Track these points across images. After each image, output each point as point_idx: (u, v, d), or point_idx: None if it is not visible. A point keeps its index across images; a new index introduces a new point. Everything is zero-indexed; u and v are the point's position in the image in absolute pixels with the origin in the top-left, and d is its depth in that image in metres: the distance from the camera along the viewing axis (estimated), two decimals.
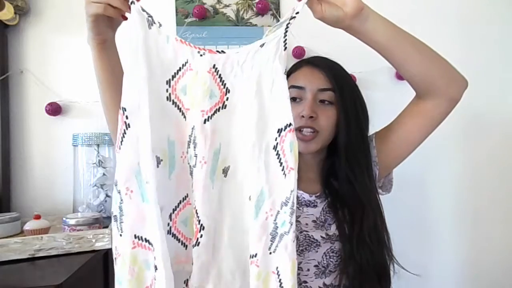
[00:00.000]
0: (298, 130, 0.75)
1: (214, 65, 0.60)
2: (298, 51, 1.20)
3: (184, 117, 0.60)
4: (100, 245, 0.87)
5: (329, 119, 0.76)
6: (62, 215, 0.98)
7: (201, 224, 0.57)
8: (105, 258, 1.10)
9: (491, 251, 1.32)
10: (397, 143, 0.78)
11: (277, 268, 0.56)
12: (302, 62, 0.83)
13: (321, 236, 0.75)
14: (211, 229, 0.58)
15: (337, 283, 0.74)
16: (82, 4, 1.24)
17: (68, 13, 1.20)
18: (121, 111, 0.56)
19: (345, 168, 0.76)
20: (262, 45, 0.60)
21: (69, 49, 1.20)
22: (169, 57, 0.60)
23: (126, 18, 0.61)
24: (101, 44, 0.67)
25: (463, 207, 1.32)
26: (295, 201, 0.57)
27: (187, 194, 0.61)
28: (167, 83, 0.60)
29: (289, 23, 0.59)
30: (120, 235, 0.56)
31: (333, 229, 0.76)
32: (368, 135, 0.82)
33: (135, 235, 0.55)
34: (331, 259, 0.74)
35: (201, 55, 0.60)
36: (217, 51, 0.60)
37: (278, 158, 0.58)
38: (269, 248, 0.56)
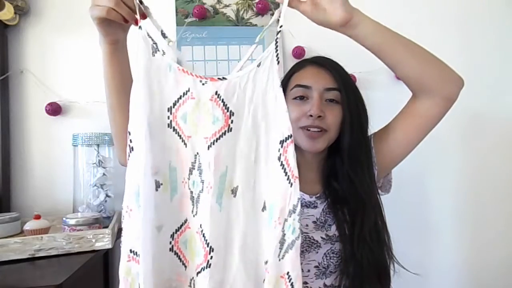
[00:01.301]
0: (306, 128, 0.76)
1: (216, 92, 0.61)
2: (298, 51, 1.20)
3: (185, 144, 0.62)
4: (100, 245, 0.87)
5: (336, 118, 0.77)
6: (62, 215, 0.98)
7: (210, 247, 0.59)
8: (105, 258, 1.10)
9: (491, 250, 1.32)
10: (395, 143, 0.78)
11: (288, 273, 0.58)
12: (306, 61, 0.84)
13: (321, 237, 0.75)
14: (221, 249, 0.60)
15: (338, 284, 0.74)
16: (82, 4, 1.24)
17: (68, 13, 1.20)
18: (128, 135, 0.60)
19: (347, 167, 0.76)
20: (259, 65, 0.62)
21: (69, 49, 1.20)
22: (171, 85, 0.61)
23: (127, 22, 0.62)
24: (113, 45, 0.66)
25: (463, 206, 1.32)
26: (300, 208, 0.60)
27: (187, 219, 0.63)
28: (168, 111, 0.62)
29: (277, 37, 0.62)
30: (121, 248, 0.61)
31: (333, 230, 0.76)
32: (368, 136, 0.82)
33: (130, 250, 0.60)
34: (332, 260, 0.74)
35: (203, 84, 0.61)
36: (219, 78, 0.62)
37: (283, 168, 0.60)
38: (278, 255, 0.58)
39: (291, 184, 0.59)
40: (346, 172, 0.77)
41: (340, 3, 0.62)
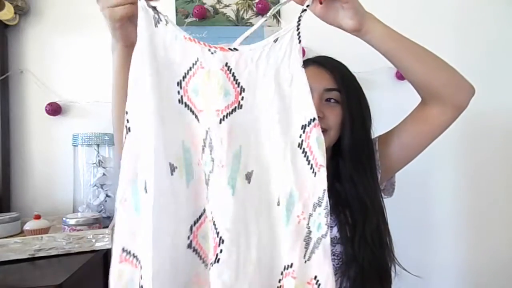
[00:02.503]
0: None
1: (227, 63, 0.56)
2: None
3: (198, 119, 0.55)
4: (100, 245, 0.87)
5: (337, 118, 0.76)
6: (62, 215, 0.98)
7: (220, 237, 0.51)
8: (105, 258, 1.10)
9: (492, 252, 1.32)
10: (401, 147, 0.77)
11: (315, 277, 0.52)
12: (308, 61, 0.83)
13: None
14: (234, 243, 0.51)
15: (338, 286, 0.74)
16: (82, 4, 1.24)
17: (68, 13, 1.20)
18: (125, 114, 0.52)
19: (349, 168, 0.76)
20: (275, 40, 0.58)
21: (69, 49, 1.20)
22: (178, 56, 0.55)
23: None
24: (129, 47, 0.60)
25: (464, 209, 1.32)
26: (327, 201, 0.54)
27: (205, 208, 0.55)
28: (178, 85, 0.55)
29: (300, 15, 0.58)
30: (113, 247, 0.51)
31: (334, 232, 0.75)
32: (372, 138, 0.81)
33: (123, 248, 0.50)
34: (333, 262, 0.74)
35: (212, 53, 0.56)
36: (229, 49, 0.57)
37: (305, 156, 0.55)
38: (304, 256, 0.52)
39: (315, 174, 0.54)
40: (348, 174, 0.76)
41: (352, 14, 0.60)
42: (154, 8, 0.54)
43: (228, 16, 1.26)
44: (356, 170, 0.76)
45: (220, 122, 0.54)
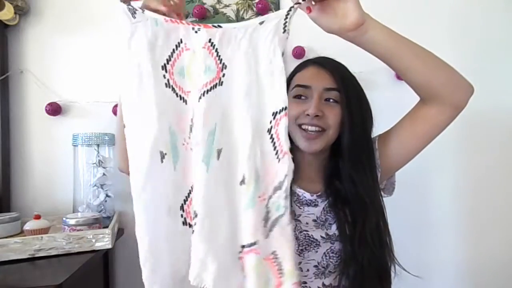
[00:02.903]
0: (302, 128, 0.76)
1: (210, 39, 0.56)
2: (298, 51, 1.20)
3: (185, 101, 0.57)
4: (100, 245, 0.87)
5: (336, 117, 0.76)
6: (62, 215, 0.98)
7: (194, 211, 0.54)
8: (105, 258, 1.10)
9: (492, 253, 1.32)
10: (400, 147, 0.78)
11: (273, 252, 0.55)
12: (308, 61, 0.83)
13: (321, 236, 0.75)
14: (206, 216, 0.54)
15: (337, 284, 0.74)
16: (82, 4, 1.24)
17: (68, 13, 1.20)
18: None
19: (348, 167, 0.76)
20: (261, 23, 0.57)
21: (69, 49, 1.20)
22: (161, 40, 0.56)
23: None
24: None
25: (464, 208, 1.32)
26: (288, 186, 0.56)
27: (192, 186, 0.57)
28: (162, 68, 0.56)
29: (293, 6, 0.57)
30: None
31: (333, 229, 0.76)
32: (372, 137, 0.81)
33: None
34: (331, 260, 0.74)
35: (196, 32, 0.57)
36: (213, 25, 0.57)
37: (272, 142, 0.57)
38: (262, 233, 0.56)
39: (279, 160, 0.56)
40: (348, 173, 0.76)
41: (354, 6, 0.58)
42: (127, 3, 0.56)
43: (228, 16, 1.26)
44: (355, 170, 0.76)
45: (199, 100, 0.55)
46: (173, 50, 0.57)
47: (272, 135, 0.56)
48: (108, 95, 1.18)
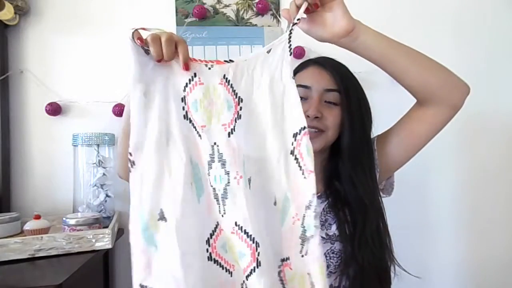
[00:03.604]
0: None
1: (224, 75, 0.58)
2: (298, 51, 1.20)
3: (199, 135, 0.57)
4: (100, 245, 0.87)
5: (335, 119, 0.76)
6: (62, 215, 0.98)
7: (256, 242, 0.53)
8: (105, 258, 1.10)
9: (491, 253, 1.32)
10: (398, 147, 0.78)
11: (308, 273, 0.56)
12: (309, 61, 0.83)
13: (322, 236, 0.74)
14: (265, 243, 0.55)
15: (337, 284, 0.74)
16: (82, 4, 1.24)
17: (68, 13, 1.20)
18: (129, 155, 0.54)
19: (348, 168, 0.76)
20: (268, 51, 0.60)
21: (69, 49, 1.20)
22: (176, 74, 0.57)
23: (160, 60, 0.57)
24: None
25: (463, 209, 1.32)
26: (316, 204, 0.57)
27: (218, 222, 0.57)
28: (182, 101, 0.57)
29: (292, 28, 0.60)
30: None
31: (333, 229, 0.76)
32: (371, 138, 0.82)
33: (140, 285, 0.52)
34: (332, 260, 0.74)
35: (209, 68, 0.58)
36: (225, 61, 0.59)
37: (297, 162, 0.58)
38: (301, 251, 0.56)
39: (305, 178, 0.57)
40: (348, 174, 0.76)
41: (342, 13, 0.61)
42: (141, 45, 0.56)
43: (228, 16, 1.26)
44: (355, 171, 0.76)
45: (229, 136, 0.56)
46: (187, 83, 0.57)
47: (295, 155, 0.58)
48: (108, 95, 1.18)
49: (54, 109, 1.17)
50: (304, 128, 0.57)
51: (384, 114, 0.81)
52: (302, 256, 0.56)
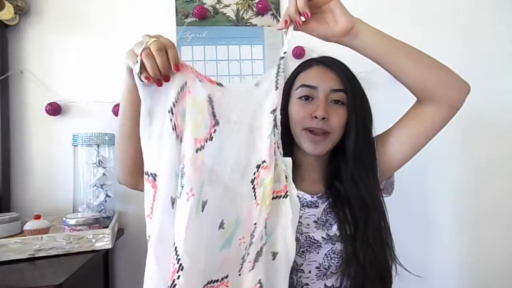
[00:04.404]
0: (309, 130, 0.76)
1: (209, 95, 0.59)
2: (298, 51, 1.20)
3: (181, 143, 0.57)
4: (100, 245, 0.87)
5: (340, 120, 0.76)
6: (62, 215, 0.98)
7: (180, 264, 0.53)
8: (105, 258, 1.10)
9: (492, 253, 1.32)
10: (398, 146, 0.78)
11: (259, 281, 0.62)
12: (312, 61, 0.83)
13: (322, 237, 0.75)
14: (192, 270, 0.54)
15: (339, 285, 0.74)
16: (82, 4, 1.24)
17: (68, 13, 1.20)
18: (146, 176, 0.58)
19: (351, 169, 0.76)
20: (257, 84, 0.62)
21: (69, 49, 1.20)
22: (169, 84, 0.57)
23: (160, 85, 0.57)
24: (135, 87, 0.61)
25: (464, 208, 1.32)
26: (261, 232, 0.61)
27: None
28: (169, 112, 0.56)
29: (280, 63, 0.62)
30: None
31: (334, 230, 0.76)
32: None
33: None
34: (333, 261, 0.74)
35: (200, 81, 0.58)
36: (216, 83, 0.60)
37: (253, 191, 0.62)
38: (239, 271, 0.62)
39: (256, 206, 0.61)
40: (350, 174, 0.76)
41: (340, 13, 0.63)
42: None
43: (228, 16, 1.26)
44: (358, 171, 0.76)
45: (197, 152, 0.56)
46: (179, 92, 0.57)
47: (254, 185, 0.62)
48: (108, 95, 1.18)
49: (54, 109, 1.17)
50: (264, 162, 0.61)
51: (384, 114, 0.81)
52: (240, 275, 0.62)
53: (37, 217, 0.91)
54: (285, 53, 0.63)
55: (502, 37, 1.33)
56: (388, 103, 1.01)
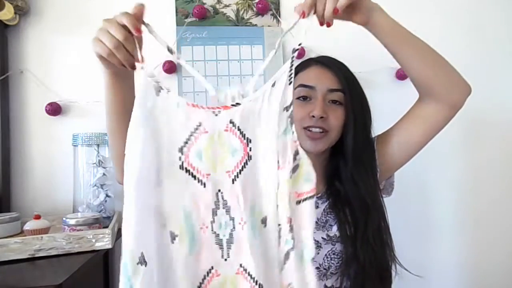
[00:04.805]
0: (307, 129, 0.76)
1: (231, 120, 0.57)
2: (298, 51, 1.20)
3: (203, 184, 0.56)
4: (100, 245, 0.87)
5: (339, 119, 0.77)
6: (62, 215, 0.98)
7: (259, 284, 0.54)
8: (105, 258, 1.10)
9: (492, 253, 1.32)
10: (398, 146, 0.78)
11: (289, 284, 0.57)
12: (311, 61, 0.83)
13: (322, 237, 0.75)
14: (268, 284, 0.55)
15: (339, 285, 0.74)
16: (82, 4, 1.24)
17: (68, 13, 1.20)
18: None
19: (351, 169, 0.76)
20: (273, 85, 0.59)
21: (69, 49, 1.20)
22: (180, 122, 0.56)
23: (134, 68, 0.57)
24: (114, 76, 0.63)
25: (464, 208, 1.32)
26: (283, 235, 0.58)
27: (212, 267, 0.57)
28: (179, 151, 0.56)
29: (293, 55, 0.59)
30: None
31: (334, 230, 0.76)
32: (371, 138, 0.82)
33: None
34: (333, 261, 0.74)
35: (216, 115, 0.57)
36: (232, 105, 0.58)
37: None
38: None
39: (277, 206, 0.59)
40: (350, 174, 0.76)
41: (360, 9, 0.62)
42: (156, 80, 0.56)
43: (228, 16, 1.26)
44: (357, 171, 0.76)
45: (233, 182, 0.56)
46: (191, 133, 0.56)
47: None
48: None
49: (54, 109, 1.17)
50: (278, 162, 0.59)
51: (384, 114, 0.81)
52: (281, 271, 0.57)
53: (37, 217, 0.91)
54: (300, 44, 0.60)
55: (504, 37, 1.33)
56: (388, 103, 1.01)
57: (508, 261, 1.32)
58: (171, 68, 1.20)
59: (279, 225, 0.58)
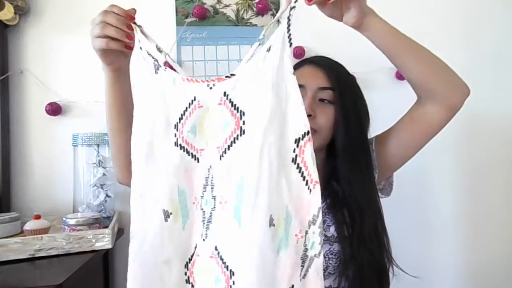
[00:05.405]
0: None
1: (225, 92, 0.55)
2: (298, 51, 1.20)
3: (197, 159, 0.56)
4: (100, 245, 0.87)
5: (328, 118, 0.76)
6: (62, 215, 0.98)
7: (231, 270, 0.52)
8: (105, 258, 1.10)
9: (491, 253, 1.32)
10: (397, 147, 0.77)
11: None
12: (305, 61, 0.83)
13: None
14: (242, 273, 0.51)
15: (336, 285, 0.74)
16: (82, 4, 1.24)
17: (68, 13, 1.20)
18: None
19: (345, 168, 0.76)
20: (268, 49, 0.54)
21: (69, 49, 1.20)
22: (176, 98, 0.56)
23: (131, 49, 0.60)
24: (116, 72, 0.65)
25: (464, 209, 1.32)
26: (322, 220, 0.52)
27: (196, 245, 0.56)
28: (175, 127, 0.56)
29: (290, 14, 0.53)
30: None
31: (332, 231, 0.76)
32: (368, 138, 0.81)
33: None
34: (330, 261, 0.74)
35: (210, 88, 0.55)
36: (226, 76, 0.55)
37: (300, 171, 0.52)
38: (300, 274, 0.51)
39: (310, 191, 0.51)
40: (345, 174, 0.76)
41: (354, 11, 0.60)
42: (152, 56, 0.58)
43: (228, 16, 1.26)
44: (352, 171, 0.75)
45: (220, 159, 0.55)
46: (186, 108, 0.56)
47: (298, 164, 0.52)
48: None
49: (54, 109, 1.17)
50: (308, 133, 0.52)
51: (383, 114, 0.81)
52: (301, 280, 0.51)
53: (37, 217, 0.92)
54: (296, 1, 0.53)
55: (503, 38, 1.33)
56: (387, 104, 1.01)
57: (508, 261, 1.32)
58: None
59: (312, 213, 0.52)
